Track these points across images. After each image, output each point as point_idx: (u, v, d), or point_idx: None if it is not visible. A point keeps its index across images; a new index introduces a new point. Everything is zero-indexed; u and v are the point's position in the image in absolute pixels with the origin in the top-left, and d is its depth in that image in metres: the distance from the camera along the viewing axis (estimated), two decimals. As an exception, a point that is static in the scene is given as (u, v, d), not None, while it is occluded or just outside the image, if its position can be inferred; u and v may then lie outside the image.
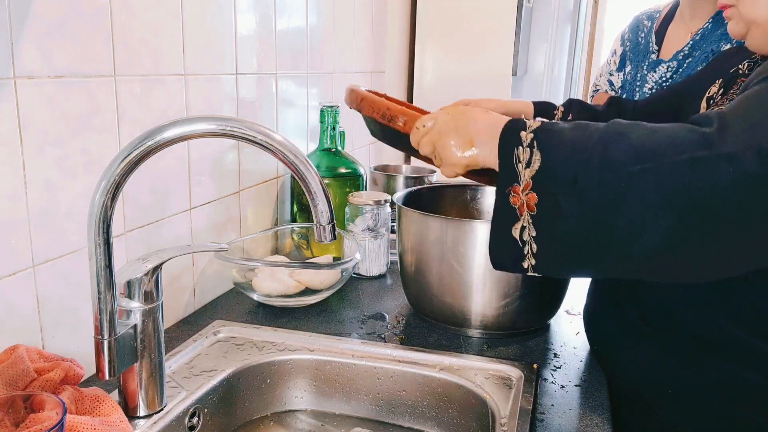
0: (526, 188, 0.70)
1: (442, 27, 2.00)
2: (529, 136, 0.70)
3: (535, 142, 0.70)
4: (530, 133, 0.71)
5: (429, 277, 0.97)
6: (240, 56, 1.09)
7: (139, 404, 0.72)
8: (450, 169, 0.79)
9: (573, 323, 1.04)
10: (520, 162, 0.71)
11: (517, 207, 0.71)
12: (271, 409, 0.90)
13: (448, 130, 0.77)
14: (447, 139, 0.77)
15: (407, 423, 0.88)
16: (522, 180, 0.70)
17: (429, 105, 2.11)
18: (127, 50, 0.83)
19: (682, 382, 0.79)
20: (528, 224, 0.71)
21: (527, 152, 0.70)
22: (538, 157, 0.69)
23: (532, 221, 0.70)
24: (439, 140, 0.78)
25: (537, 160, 0.69)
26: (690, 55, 1.43)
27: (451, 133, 0.77)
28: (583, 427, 0.74)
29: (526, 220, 0.71)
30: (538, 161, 0.69)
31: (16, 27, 0.68)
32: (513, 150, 0.71)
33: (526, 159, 0.70)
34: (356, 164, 1.30)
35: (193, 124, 0.64)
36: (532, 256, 0.72)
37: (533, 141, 0.70)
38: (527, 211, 0.71)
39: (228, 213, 1.11)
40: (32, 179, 0.71)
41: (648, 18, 1.60)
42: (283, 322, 0.99)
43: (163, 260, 0.71)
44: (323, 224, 0.70)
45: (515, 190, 0.71)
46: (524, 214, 0.71)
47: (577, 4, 3.15)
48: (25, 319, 0.73)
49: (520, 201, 0.71)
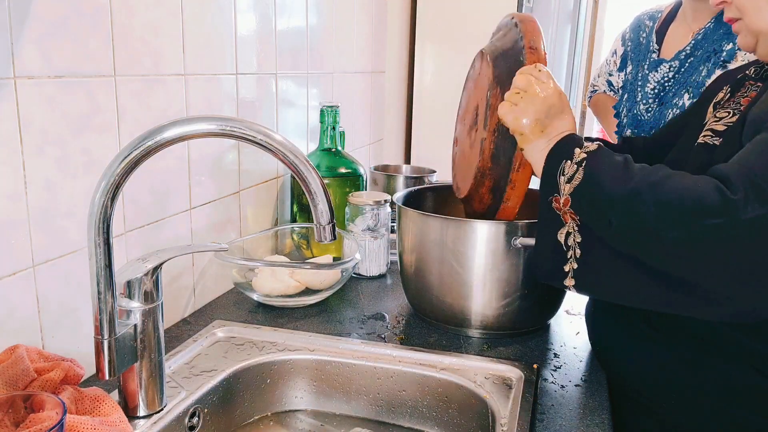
0: (566, 203, 0.73)
1: (442, 27, 2.00)
2: (581, 155, 0.74)
3: (584, 162, 0.73)
4: (583, 153, 0.74)
5: (429, 277, 0.97)
6: (240, 56, 1.09)
7: (139, 404, 0.72)
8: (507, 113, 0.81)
9: (573, 323, 1.04)
10: (563, 175, 0.74)
11: (561, 214, 0.74)
12: (271, 409, 0.90)
13: (542, 102, 0.79)
14: (533, 106, 0.79)
15: (407, 423, 0.88)
16: (563, 194, 0.74)
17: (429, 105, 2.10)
18: (127, 50, 0.83)
19: (683, 382, 0.79)
20: (573, 231, 0.74)
21: (573, 168, 0.73)
22: (580, 176, 0.72)
23: (577, 228, 0.73)
24: (528, 99, 0.80)
25: (578, 178, 0.72)
26: (692, 54, 1.42)
27: (540, 105, 0.79)
28: (583, 427, 0.74)
29: (571, 227, 0.74)
30: (579, 180, 0.72)
31: (16, 27, 0.68)
32: (561, 162, 0.75)
33: (570, 174, 0.73)
34: (356, 164, 1.30)
35: (193, 124, 0.64)
36: (574, 260, 0.74)
37: (583, 161, 0.73)
38: (572, 219, 0.74)
39: (228, 213, 1.11)
40: (32, 179, 0.71)
41: (650, 18, 1.60)
42: (283, 322, 0.99)
43: (163, 260, 0.71)
44: (323, 224, 0.70)
45: (556, 200, 0.74)
46: (569, 221, 0.74)
47: (577, 4, 3.15)
48: (25, 319, 0.73)
49: (563, 210, 0.74)
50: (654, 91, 1.49)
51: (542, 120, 0.79)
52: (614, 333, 0.87)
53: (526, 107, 0.79)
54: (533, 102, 0.79)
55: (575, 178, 0.72)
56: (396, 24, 1.94)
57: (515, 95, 0.81)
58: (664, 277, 0.68)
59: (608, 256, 0.71)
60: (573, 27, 3.18)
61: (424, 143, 2.10)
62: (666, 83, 1.47)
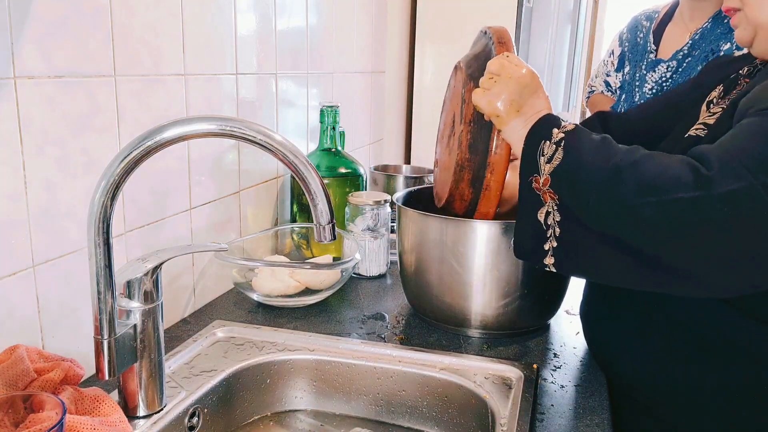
0: (545, 183, 0.73)
1: (442, 27, 2.00)
2: (559, 135, 0.74)
3: (563, 142, 0.73)
4: (561, 133, 0.74)
5: (429, 277, 0.97)
6: (240, 56, 1.09)
7: (139, 404, 0.72)
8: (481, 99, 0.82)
9: (573, 323, 1.04)
10: (543, 155, 0.74)
11: (540, 194, 0.74)
12: (271, 409, 0.90)
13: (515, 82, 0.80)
14: (506, 87, 0.80)
15: (407, 423, 0.88)
16: (542, 173, 0.73)
17: (429, 105, 2.10)
18: (127, 50, 0.83)
19: (682, 381, 0.79)
20: (553, 210, 0.74)
21: (552, 148, 0.73)
22: (560, 156, 0.72)
23: (556, 208, 0.73)
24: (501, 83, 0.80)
25: (558, 158, 0.72)
26: (689, 54, 1.43)
27: (513, 86, 0.80)
28: (583, 427, 0.74)
29: (551, 206, 0.74)
30: (559, 160, 0.72)
31: (16, 27, 0.68)
32: (540, 142, 0.74)
33: (549, 154, 0.73)
34: (356, 164, 1.30)
35: (193, 124, 0.64)
36: (554, 239, 0.74)
37: (561, 140, 0.73)
38: (551, 199, 0.73)
39: (228, 213, 1.11)
40: (32, 179, 0.71)
41: (647, 18, 1.60)
42: (283, 322, 0.99)
43: (163, 260, 0.71)
44: (323, 224, 0.70)
45: (536, 180, 0.74)
46: (548, 201, 0.74)
47: (577, 4, 3.15)
48: (25, 319, 0.73)
49: (543, 190, 0.74)
50: (652, 91, 1.49)
51: (516, 100, 0.80)
52: (609, 331, 0.87)
53: (500, 90, 0.80)
54: (506, 84, 0.80)
55: (555, 158, 0.72)
56: (396, 24, 1.94)
57: (488, 81, 0.82)
58: (640, 255, 0.68)
59: (586, 235, 0.71)
60: (573, 27, 3.18)
61: (424, 143, 2.10)
62: (664, 83, 1.47)
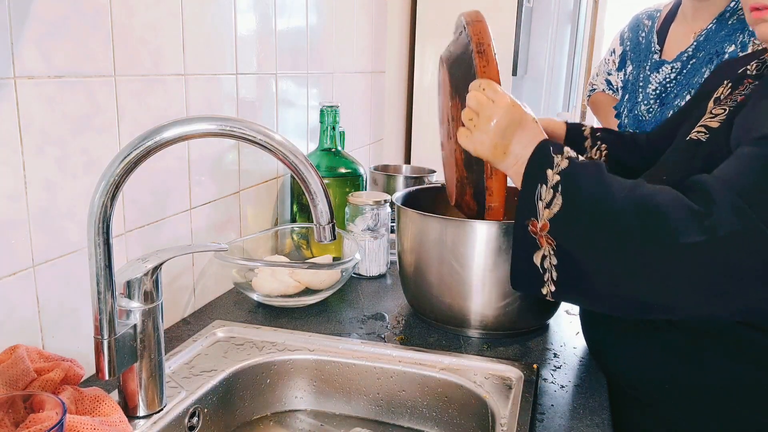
0: (543, 228, 0.72)
1: (442, 27, 2.00)
2: (555, 177, 0.72)
3: (560, 186, 0.71)
4: (557, 175, 0.72)
5: (429, 277, 0.97)
6: (240, 56, 1.09)
7: (139, 404, 0.72)
8: (467, 143, 0.81)
9: (573, 323, 1.04)
10: (541, 200, 0.72)
11: (537, 238, 0.73)
12: (271, 409, 0.90)
13: (495, 126, 0.78)
14: (486, 134, 0.79)
15: (407, 423, 0.88)
16: (540, 218, 0.72)
17: (429, 105, 2.10)
18: (127, 50, 0.83)
19: (682, 380, 0.79)
20: (549, 254, 0.72)
21: (550, 193, 0.72)
22: (559, 202, 0.71)
23: (553, 252, 0.72)
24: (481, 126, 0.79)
25: (558, 204, 0.71)
26: (694, 56, 1.42)
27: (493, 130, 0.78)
28: (583, 427, 0.74)
29: (547, 251, 0.73)
30: (558, 206, 0.71)
31: (16, 27, 0.68)
32: (536, 186, 0.73)
33: (548, 200, 0.72)
34: (356, 164, 1.30)
35: (193, 124, 0.64)
36: (552, 283, 0.73)
37: (558, 184, 0.71)
38: (548, 244, 0.72)
39: (228, 213, 1.11)
40: (32, 179, 0.71)
41: (648, 17, 1.60)
42: (283, 322, 0.99)
43: (163, 260, 0.71)
44: (323, 224, 0.70)
45: (533, 223, 0.73)
46: (545, 246, 0.73)
47: (577, 4, 3.15)
48: (25, 319, 0.73)
49: (540, 235, 0.73)
50: (656, 92, 1.49)
51: (500, 143, 0.79)
52: (608, 330, 0.87)
53: (481, 136, 0.79)
54: (485, 130, 0.79)
55: (554, 203, 0.71)
56: (396, 24, 1.94)
57: (469, 121, 0.81)
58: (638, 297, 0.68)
59: (585, 278, 0.70)
60: (573, 27, 3.18)
61: (424, 143, 2.10)
62: (668, 84, 1.47)
